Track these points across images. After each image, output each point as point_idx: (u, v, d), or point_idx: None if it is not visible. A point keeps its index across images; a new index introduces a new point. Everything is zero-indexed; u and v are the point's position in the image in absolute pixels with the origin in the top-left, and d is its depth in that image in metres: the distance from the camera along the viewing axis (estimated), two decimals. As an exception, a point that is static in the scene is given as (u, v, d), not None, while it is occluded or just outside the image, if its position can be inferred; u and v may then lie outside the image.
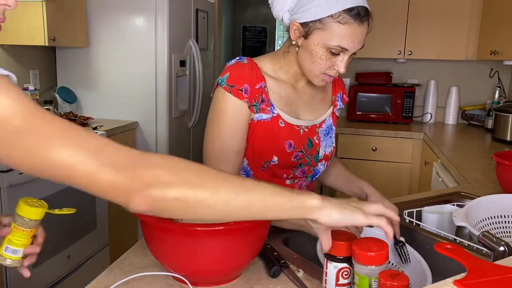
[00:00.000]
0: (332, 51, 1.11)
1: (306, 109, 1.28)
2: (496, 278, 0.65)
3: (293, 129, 1.23)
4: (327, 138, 1.32)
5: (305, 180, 1.31)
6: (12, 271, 2.03)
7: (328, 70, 1.15)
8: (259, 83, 1.18)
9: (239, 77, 1.16)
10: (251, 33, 7.87)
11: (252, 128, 1.20)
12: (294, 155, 1.23)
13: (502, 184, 1.62)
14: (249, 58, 1.22)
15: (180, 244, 0.89)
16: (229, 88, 1.16)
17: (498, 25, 2.94)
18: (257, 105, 1.18)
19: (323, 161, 1.32)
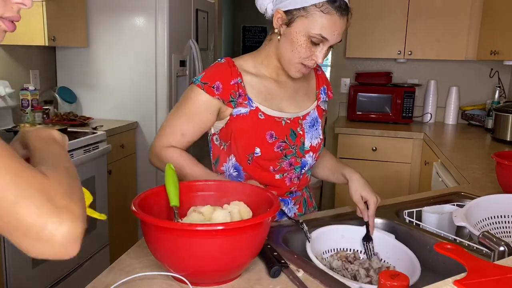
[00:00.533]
0: (313, 40, 1.16)
1: (289, 103, 1.32)
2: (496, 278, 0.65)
3: (274, 121, 1.27)
4: (313, 130, 1.35)
5: (294, 172, 1.32)
6: (12, 271, 2.04)
7: (306, 60, 1.20)
8: (234, 79, 1.23)
9: (213, 76, 1.23)
10: (251, 33, 7.87)
11: (232, 123, 1.25)
12: (277, 145, 1.26)
13: (502, 184, 1.62)
14: (228, 58, 1.28)
15: (180, 244, 0.89)
16: (202, 85, 1.23)
17: (498, 25, 2.94)
18: (235, 100, 1.23)
19: (311, 153, 1.34)
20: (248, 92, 1.25)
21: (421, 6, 3.37)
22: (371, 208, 1.24)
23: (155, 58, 3.02)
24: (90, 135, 2.56)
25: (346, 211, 1.44)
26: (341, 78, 3.93)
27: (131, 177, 3.14)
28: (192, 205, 1.10)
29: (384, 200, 1.57)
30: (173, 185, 1.08)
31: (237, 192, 1.11)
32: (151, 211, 0.99)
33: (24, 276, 2.10)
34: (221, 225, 0.92)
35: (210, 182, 1.16)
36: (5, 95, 2.67)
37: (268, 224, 0.98)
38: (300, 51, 1.18)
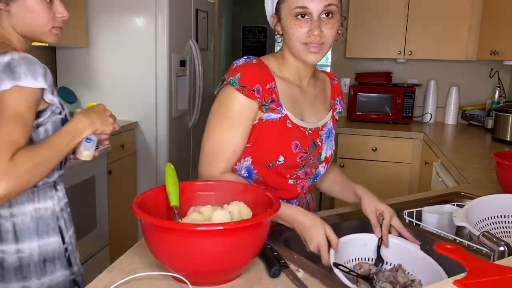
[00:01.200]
0: (298, 17, 1.16)
1: (309, 111, 1.30)
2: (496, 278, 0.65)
3: (300, 130, 1.24)
4: (328, 141, 1.34)
5: (308, 181, 1.32)
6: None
7: (307, 39, 1.17)
8: (270, 83, 1.20)
9: (251, 78, 1.18)
10: (251, 33, 7.86)
11: (260, 127, 1.21)
12: (300, 156, 1.24)
13: (502, 184, 1.63)
14: (258, 58, 1.24)
15: (180, 244, 0.89)
16: (241, 89, 1.17)
17: (498, 25, 2.94)
18: (267, 105, 1.19)
19: (324, 163, 1.34)
20: (280, 98, 1.21)
21: (421, 6, 3.37)
22: (387, 218, 1.20)
23: (155, 58, 3.02)
24: (90, 135, 2.56)
25: (346, 211, 1.44)
26: (341, 78, 3.93)
27: (131, 177, 3.14)
28: (192, 205, 1.10)
29: (384, 200, 1.57)
30: (173, 185, 1.08)
31: (237, 192, 1.11)
32: (151, 211, 1.00)
33: (24, 276, 2.10)
34: (221, 225, 0.92)
35: (210, 182, 1.16)
36: (5, 95, 2.67)
37: (268, 224, 0.98)
38: (295, 33, 1.17)
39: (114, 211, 2.80)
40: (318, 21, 1.15)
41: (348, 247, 1.13)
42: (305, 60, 1.21)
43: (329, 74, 1.43)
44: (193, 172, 3.55)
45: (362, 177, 3.29)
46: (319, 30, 1.15)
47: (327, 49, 1.21)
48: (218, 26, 4.15)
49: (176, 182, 1.09)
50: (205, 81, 3.53)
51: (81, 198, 2.48)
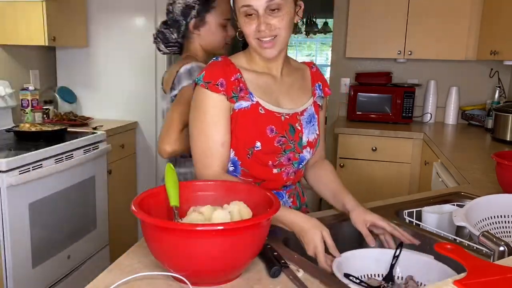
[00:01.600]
0: (245, 14, 1.20)
1: (286, 98, 1.33)
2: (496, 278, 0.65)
3: (274, 116, 1.27)
4: (310, 125, 1.36)
5: (292, 167, 1.33)
6: (12, 271, 2.04)
7: (257, 34, 1.21)
8: (234, 75, 1.24)
9: (214, 73, 1.23)
10: (251, 33, 7.86)
11: (234, 117, 1.25)
12: (277, 140, 1.27)
13: (502, 184, 1.63)
14: (223, 56, 1.30)
15: (180, 244, 0.89)
16: (205, 84, 1.22)
17: (498, 25, 2.94)
18: (237, 95, 1.24)
19: (308, 148, 1.35)
20: (248, 87, 1.26)
21: (421, 6, 3.37)
22: (384, 224, 1.22)
23: (155, 58, 3.02)
24: (90, 135, 2.56)
25: (346, 211, 1.43)
26: (341, 78, 3.93)
27: (131, 177, 3.14)
28: (192, 205, 1.10)
29: (384, 200, 1.57)
30: (173, 185, 1.08)
31: (237, 192, 1.11)
32: (151, 211, 0.99)
33: (24, 276, 2.10)
34: (221, 225, 0.92)
35: (210, 182, 1.16)
36: (5, 95, 2.67)
37: (268, 224, 0.98)
38: (247, 30, 1.22)
39: (114, 211, 2.80)
40: (264, 17, 1.19)
41: (358, 260, 1.10)
42: (262, 55, 1.26)
43: (307, 64, 1.48)
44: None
45: (362, 177, 3.29)
46: (265, 25, 1.19)
47: (283, 41, 1.24)
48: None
49: (176, 182, 1.09)
50: (205, 81, 3.52)
51: (81, 198, 2.48)
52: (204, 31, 1.65)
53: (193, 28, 1.64)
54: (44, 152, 2.18)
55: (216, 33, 1.66)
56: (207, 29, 1.64)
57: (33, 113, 2.82)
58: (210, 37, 1.66)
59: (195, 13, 1.63)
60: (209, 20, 1.64)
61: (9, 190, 1.98)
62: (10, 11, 2.61)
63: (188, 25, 1.64)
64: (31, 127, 2.46)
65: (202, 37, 1.66)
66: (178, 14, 1.65)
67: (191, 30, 1.65)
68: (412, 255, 1.11)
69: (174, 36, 1.68)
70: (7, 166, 1.97)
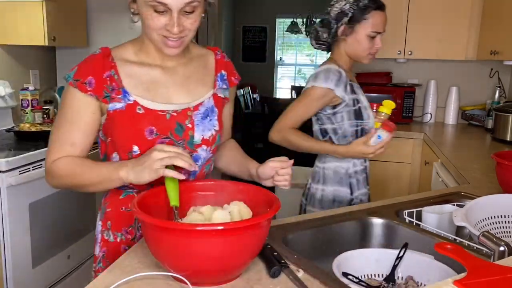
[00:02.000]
0: (154, 9, 1.08)
1: (180, 92, 1.22)
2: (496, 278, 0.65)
3: (156, 115, 1.17)
4: (206, 121, 1.24)
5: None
6: (12, 271, 2.03)
7: (165, 32, 1.10)
8: (107, 71, 1.15)
9: (85, 70, 1.15)
10: (251, 33, 7.87)
11: (110, 119, 1.17)
12: (159, 142, 1.16)
13: (502, 184, 1.63)
14: (105, 47, 1.20)
15: (180, 244, 0.89)
16: (74, 83, 1.14)
17: (498, 25, 2.94)
18: (109, 95, 1.15)
19: (204, 146, 1.24)
20: (125, 85, 1.16)
21: (421, 6, 3.37)
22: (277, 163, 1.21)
23: (155, 58, 3.02)
24: (90, 135, 2.56)
25: (344, 211, 1.44)
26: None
27: (131, 177, 3.14)
28: (192, 205, 1.10)
29: (384, 200, 1.57)
30: (173, 185, 1.08)
31: (237, 192, 1.11)
32: (151, 211, 1.00)
33: (24, 276, 2.10)
34: (221, 225, 0.92)
35: (210, 182, 1.16)
36: (5, 95, 2.67)
37: (268, 224, 0.98)
38: (151, 24, 1.11)
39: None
40: (178, 17, 1.08)
41: (358, 261, 1.09)
42: (163, 51, 1.16)
43: (212, 49, 1.35)
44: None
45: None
46: (178, 27, 1.09)
47: (188, 41, 1.16)
48: (218, 26, 4.15)
49: (176, 182, 1.09)
50: (205, 81, 3.52)
51: (81, 198, 2.48)
52: (350, 39, 1.73)
53: (341, 33, 1.74)
54: (44, 152, 2.18)
55: (362, 43, 1.73)
56: (354, 38, 1.72)
57: (33, 113, 2.82)
58: (355, 46, 1.74)
59: (347, 20, 1.71)
60: (357, 30, 1.71)
61: (9, 190, 1.98)
62: (10, 11, 2.61)
63: (337, 29, 1.73)
64: (31, 127, 2.46)
65: (348, 44, 1.75)
66: (332, 17, 1.74)
67: (339, 34, 1.75)
68: (412, 255, 1.11)
69: (324, 36, 1.79)
70: (7, 166, 1.97)
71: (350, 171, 1.81)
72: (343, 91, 1.71)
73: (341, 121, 1.76)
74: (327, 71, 1.70)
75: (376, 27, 1.71)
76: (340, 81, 1.70)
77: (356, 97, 1.77)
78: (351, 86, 1.77)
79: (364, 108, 1.80)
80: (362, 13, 1.69)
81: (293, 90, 7.57)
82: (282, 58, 8.13)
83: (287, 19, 7.56)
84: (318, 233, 1.30)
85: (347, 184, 1.81)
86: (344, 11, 1.70)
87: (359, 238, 1.37)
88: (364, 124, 1.80)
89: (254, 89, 7.72)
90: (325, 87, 1.69)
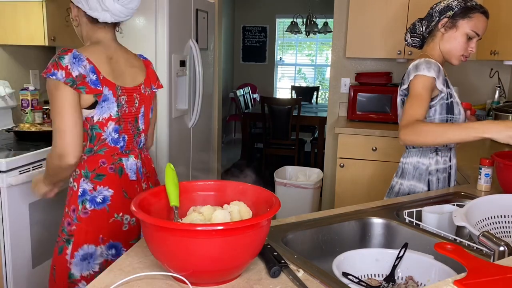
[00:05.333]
0: None
1: None
2: (496, 278, 0.65)
3: None
4: None
5: None
6: (12, 271, 2.03)
7: None
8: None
9: None
10: (251, 33, 7.86)
11: None
12: None
13: (502, 184, 1.63)
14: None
15: (180, 244, 0.89)
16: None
17: (498, 25, 2.94)
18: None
19: None
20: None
21: (421, 6, 3.36)
22: None
23: (155, 58, 3.02)
24: (90, 135, 2.56)
25: (346, 211, 1.44)
26: (341, 78, 3.93)
27: (131, 177, 3.14)
28: (192, 205, 1.10)
29: (384, 200, 1.57)
30: (173, 185, 1.08)
31: (237, 192, 1.11)
32: (151, 211, 0.99)
33: (24, 276, 2.10)
34: (221, 225, 0.92)
35: (210, 182, 1.16)
36: (5, 95, 2.67)
37: (268, 224, 0.98)
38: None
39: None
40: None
41: (358, 261, 1.10)
42: None
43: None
44: (193, 172, 3.55)
45: (362, 177, 3.29)
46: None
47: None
48: (218, 26, 4.15)
49: (176, 182, 1.09)
50: (205, 81, 3.53)
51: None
52: (449, 33, 1.73)
53: (441, 25, 1.74)
54: (44, 152, 2.18)
55: (458, 40, 1.72)
56: (452, 32, 1.72)
57: (33, 113, 2.82)
58: (451, 42, 1.73)
59: (451, 13, 1.72)
60: (459, 25, 1.71)
61: (9, 190, 1.98)
62: (10, 11, 2.61)
63: (439, 21, 1.75)
64: (31, 127, 2.46)
65: (444, 39, 1.75)
66: (436, 11, 1.78)
67: (439, 27, 1.75)
68: (412, 255, 1.11)
69: (422, 28, 1.82)
70: (7, 166, 1.97)
71: (431, 168, 1.80)
72: (442, 84, 1.73)
73: (433, 115, 1.75)
74: (428, 62, 1.68)
75: (477, 28, 1.70)
76: (440, 73, 1.70)
77: (450, 91, 1.78)
78: (446, 80, 1.79)
79: (456, 103, 1.79)
80: (468, 11, 1.70)
81: (293, 90, 7.57)
82: (282, 58, 8.13)
83: (287, 19, 7.55)
84: (318, 233, 1.31)
85: (425, 181, 1.80)
86: (451, 6, 1.73)
87: (359, 238, 1.37)
88: (454, 119, 1.77)
89: (254, 89, 7.72)
90: (429, 75, 1.67)
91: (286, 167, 4.16)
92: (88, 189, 1.48)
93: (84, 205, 1.48)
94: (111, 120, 1.47)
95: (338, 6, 3.79)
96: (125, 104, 1.51)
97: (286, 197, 3.73)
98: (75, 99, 1.38)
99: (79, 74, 1.38)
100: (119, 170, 1.51)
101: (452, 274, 0.98)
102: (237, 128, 7.62)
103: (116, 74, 1.50)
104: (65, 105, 1.37)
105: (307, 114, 5.49)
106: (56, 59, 1.38)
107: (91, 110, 1.43)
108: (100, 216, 1.48)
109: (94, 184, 1.48)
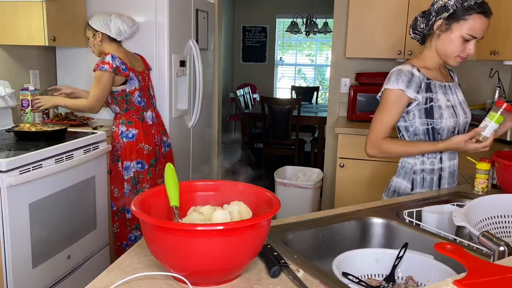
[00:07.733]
0: None
1: None
2: (496, 278, 0.65)
3: None
4: None
5: None
6: (12, 271, 2.03)
7: None
8: None
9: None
10: (251, 33, 7.86)
11: None
12: None
13: (502, 184, 1.63)
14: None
15: (180, 244, 0.89)
16: None
17: (498, 25, 2.94)
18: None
19: None
20: None
21: (421, 6, 3.36)
22: None
23: (155, 58, 3.02)
24: (90, 135, 2.56)
25: (346, 211, 1.44)
26: (341, 78, 3.93)
27: (131, 177, 3.13)
28: (192, 205, 1.10)
29: (384, 200, 1.57)
30: (173, 185, 1.08)
31: (237, 192, 1.11)
32: (151, 211, 1.00)
33: (24, 276, 2.10)
34: (221, 225, 0.92)
35: (210, 182, 1.16)
36: (5, 95, 2.67)
37: (268, 224, 0.98)
38: None
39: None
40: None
41: (358, 261, 1.10)
42: None
43: None
44: (193, 172, 3.55)
45: (362, 177, 3.29)
46: None
47: None
48: (218, 26, 4.15)
49: (176, 182, 1.09)
50: (205, 81, 3.53)
51: (81, 198, 2.48)
52: (444, 36, 1.70)
53: (436, 27, 1.72)
54: (44, 152, 2.18)
55: (453, 43, 1.69)
56: (447, 35, 1.69)
57: (33, 113, 2.82)
58: (446, 44, 1.71)
59: (446, 15, 1.68)
60: (453, 28, 1.68)
61: (9, 190, 1.98)
62: (10, 11, 2.61)
63: (435, 22, 1.71)
64: (31, 127, 2.46)
65: (440, 40, 1.72)
66: (434, 10, 1.73)
67: (434, 28, 1.73)
68: (412, 255, 1.11)
69: (422, 26, 1.79)
70: (7, 166, 1.97)
71: (416, 168, 1.80)
72: (414, 92, 1.71)
73: (413, 119, 1.76)
74: (398, 73, 1.72)
75: (473, 31, 1.66)
76: (411, 82, 1.70)
77: (431, 95, 1.74)
78: (428, 85, 1.74)
79: (439, 107, 1.75)
80: (464, 13, 1.65)
81: (293, 90, 7.58)
82: (282, 58, 8.13)
83: (287, 19, 7.55)
84: (318, 233, 1.31)
85: (409, 180, 1.81)
86: (447, 6, 1.68)
87: (359, 238, 1.37)
88: (434, 123, 1.75)
89: (254, 89, 7.72)
90: (396, 88, 1.70)
91: (286, 167, 4.16)
92: (124, 130, 2.69)
93: (122, 139, 2.69)
94: (136, 90, 2.70)
95: (338, 6, 3.79)
96: (141, 81, 2.75)
97: (286, 197, 3.73)
98: (111, 80, 2.60)
99: (116, 66, 2.57)
100: (141, 119, 2.73)
101: (452, 274, 0.98)
102: (237, 128, 7.61)
103: (133, 64, 2.73)
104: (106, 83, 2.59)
105: (307, 114, 5.49)
106: (102, 59, 2.57)
107: (124, 85, 2.65)
108: (131, 145, 2.68)
109: (127, 127, 2.68)
